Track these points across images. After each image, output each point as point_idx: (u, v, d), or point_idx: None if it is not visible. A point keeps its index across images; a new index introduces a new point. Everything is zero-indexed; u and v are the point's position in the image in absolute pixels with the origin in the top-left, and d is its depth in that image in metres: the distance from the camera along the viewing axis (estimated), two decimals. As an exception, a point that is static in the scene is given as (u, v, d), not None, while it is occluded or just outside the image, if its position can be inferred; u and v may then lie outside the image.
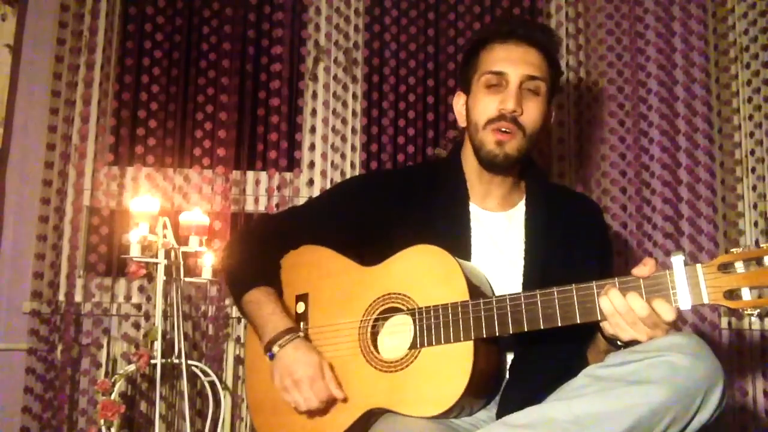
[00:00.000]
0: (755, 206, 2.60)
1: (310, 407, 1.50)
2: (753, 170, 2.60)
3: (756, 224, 2.58)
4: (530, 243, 1.61)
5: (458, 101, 1.71)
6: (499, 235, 1.64)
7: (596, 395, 1.26)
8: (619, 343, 1.36)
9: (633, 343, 1.33)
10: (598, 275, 1.39)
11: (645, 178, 2.60)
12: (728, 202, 2.60)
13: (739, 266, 1.25)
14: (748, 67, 2.65)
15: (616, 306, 1.30)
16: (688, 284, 1.27)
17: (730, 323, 2.50)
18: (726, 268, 1.26)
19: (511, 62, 1.57)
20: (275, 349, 1.54)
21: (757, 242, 2.56)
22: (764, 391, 2.47)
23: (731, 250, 1.27)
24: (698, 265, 1.27)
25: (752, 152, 2.60)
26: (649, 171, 2.61)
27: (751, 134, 2.61)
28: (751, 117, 2.62)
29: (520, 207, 1.68)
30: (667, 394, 1.22)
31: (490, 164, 1.60)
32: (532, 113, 1.57)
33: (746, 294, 1.24)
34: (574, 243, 1.63)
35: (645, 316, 1.28)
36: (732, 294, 1.25)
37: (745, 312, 1.24)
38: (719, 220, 2.58)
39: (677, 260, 1.28)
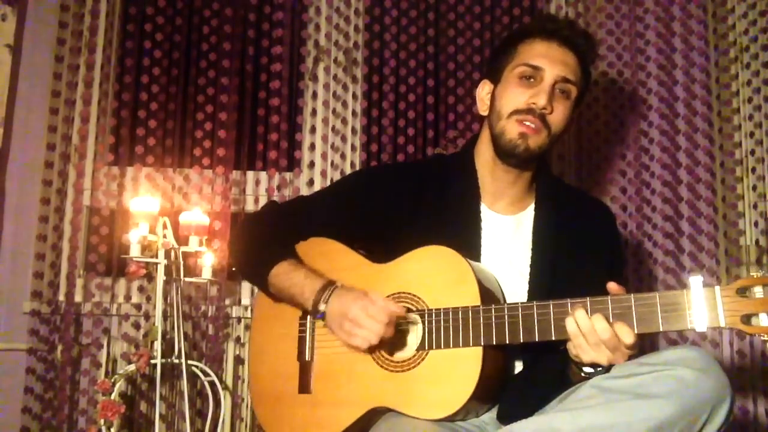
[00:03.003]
0: (755, 206, 2.59)
1: (380, 333, 1.43)
2: (753, 170, 2.60)
3: (756, 224, 2.58)
4: (537, 250, 1.60)
5: (483, 88, 1.68)
6: (506, 240, 1.62)
7: (602, 407, 1.25)
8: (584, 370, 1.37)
9: (595, 365, 1.34)
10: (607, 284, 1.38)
11: (645, 178, 2.60)
12: (728, 202, 2.60)
13: (758, 291, 1.24)
14: (748, 67, 2.65)
15: (581, 326, 1.30)
16: (705, 306, 1.26)
17: (730, 323, 2.49)
18: (744, 291, 1.25)
19: (550, 60, 1.56)
20: (322, 306, 1.51)
21: (757, 242, 2.56)
22: (764, 391, 2.47)
23: (751, 273, 1.26)
24: (717, 288, 1.26)
25: (752, 152, 2.60)
26: (649, 171, 2.61)
27: (751, 134, 2.61)
28: (751, 117, 2.62)
29: (529, 211, 1.66)
30: (674, 408, 1.21)
31: (508, 154, 1.57)
32: (560, 114, 1.56)
33: (764, 320, 1.23)
34: (583, 250, 1.61)
35: (607, 338, 1.29)
36: (749, 319, 1.24)
37: (762, 338, 1.24)
38: (719, 220, 2.57)
39: (696, 281, 1.27)
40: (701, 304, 1.26)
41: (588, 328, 1.30)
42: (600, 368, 1.35)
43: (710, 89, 2.66)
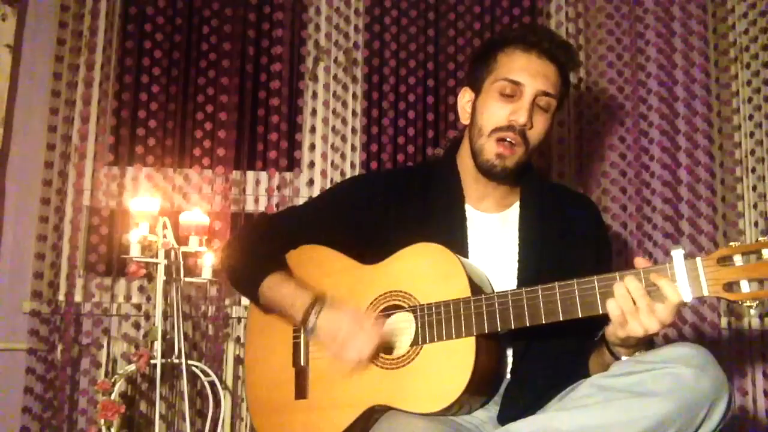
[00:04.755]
0: (755, 206, 2.60)
1: (372, 347, 1.46)
2: (753, 170, 2.60)
3: (756, 224, 2.58)
4: (524, 245, 1.62)
5: (464, 97, 1.69)
6: (493, 238, 1.64)
7: (600, 406, 1.26)
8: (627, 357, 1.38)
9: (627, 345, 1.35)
10: (594, 275, 1.39)
11: (645, 178, 2.60)
12: (728, 202, 2.60)
13: (738, 259, 1.27)
14: (748, 67, 2.65)
15: (631, 290, 1.29)
16: (688, 277, 1.28)
17: (729, 323, 2.50)
18: (725, 261, 1.28)
19: (530, 74, 1.56)
20: (311, 320, 1.53)
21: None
22: (764, 390, 2.47)
23: (730, 243, 1.29)
24: (698, 258, 1.29)
25: (752, 152, 2.60)
26: (649, 171, 2.61)
27: (751, 134, 2.61)
28: (751, 117, 2.62)
29: (515, 208, 1.68)
30: (672, 406, 1.22)
31: (486, 173, 1.60)
32: (539, 129, 1.58)
33: (745, 286, 1.26)
34: (570, 244, 1.63)
35: (639, 295, 1.29)
36: (731, 286, 1.26)
37: (744, 304, 1.26)
38: (719, 220, 2.57)
39: (677, 254, 1.30)
40: (684, 276, 1.28)
41: (638, 291, 1.29)
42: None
43: (710, 89, 2.66)
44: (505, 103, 1.57)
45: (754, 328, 2.50)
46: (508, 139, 1.55)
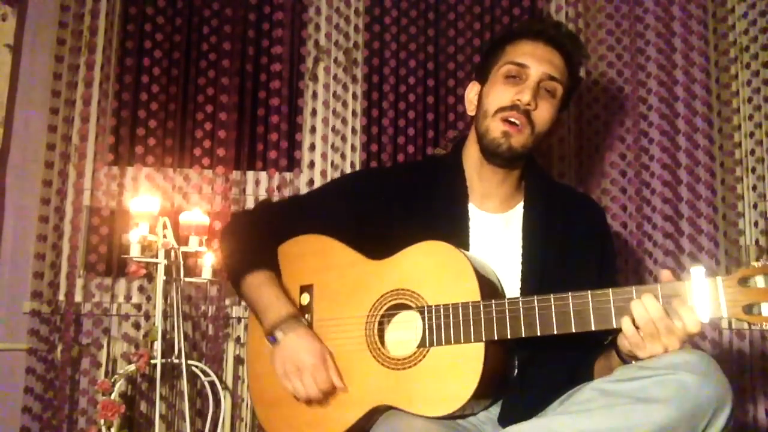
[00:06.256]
0: (755, 206, 2.60)
1: (309, 395, 1.50)
2: (753, 170, 2.60)
3: (756, 224, 2.58)
4: (527, 246, 1.60)
5: (472, 90, 1.69)
6: (496, 238, 1.62)
7: (602, 411, 1.25)
8: (634, 362, 1.36)
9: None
10: (597, 278, 1.39)
11: (645, 178, 2.60)
12: (728, 202, 2.60)
13: (760, 281, 1.24)
14: (748, 67, 2.65)
15: (650, 311, 1.28)
16: (708, 296, 1.26)
17: (730, 323, 2.49)
18: (746, 282, 1.25)
19: (535, 58, 1.57)
20: (278, 334, 1.53)
21: (757, 242, 2.56)
22: (764, 391, 2.47)
23: (752, 263, 1.26)
24: (718, 278, 1.26)
25: (752, 152, 2.60)
26: (649, 171, 2.61)
27: (751, 134, 2.61)
28: (751, 117, 2.62)
29: (519, 209, 1.66)
30: (674, 413, 1.21)
31: (492, 154, 1.58)
32: (544, 112, 1.57)
33: (766, 309, 1.23)
34: (573, 246, 1.61)
35: (659, 317, 1.27)
36: (751, 309, 1.24)
37: (764, 327, 1.25)
38: (719, 220, 2.57)
39: (697, 272, 1.27)
40: (703, 295, 1.26)
41: (658, 314, 1.28)
42: None
43: (710, 89, 2.66)
44: (511, 86, 1.57)
45: (754, 328, 2.49)
46: (512, 119, 1.55)
